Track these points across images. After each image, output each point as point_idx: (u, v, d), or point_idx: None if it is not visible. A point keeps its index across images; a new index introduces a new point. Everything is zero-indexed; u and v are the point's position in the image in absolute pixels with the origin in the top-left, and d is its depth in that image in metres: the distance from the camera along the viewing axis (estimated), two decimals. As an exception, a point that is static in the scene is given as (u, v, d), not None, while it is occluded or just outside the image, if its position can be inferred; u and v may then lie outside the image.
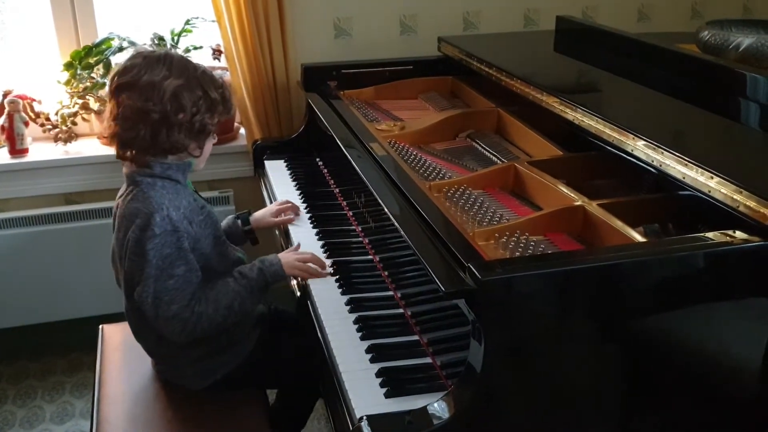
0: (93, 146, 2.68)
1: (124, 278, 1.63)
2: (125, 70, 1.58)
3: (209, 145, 1.68)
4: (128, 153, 1.60)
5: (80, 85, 2.58)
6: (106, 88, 1.73)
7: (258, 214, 2.03)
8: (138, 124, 1.56)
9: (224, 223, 1.95)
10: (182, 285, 1.56)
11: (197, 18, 2.67)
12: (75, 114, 2.60)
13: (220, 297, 1.61)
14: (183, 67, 1.59)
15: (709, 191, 1.38)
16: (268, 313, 1.87)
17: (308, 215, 2.08)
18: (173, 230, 1.55)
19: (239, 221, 1.97)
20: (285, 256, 1.73)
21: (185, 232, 1.57)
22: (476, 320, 1.19)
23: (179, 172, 1.64)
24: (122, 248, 1.59)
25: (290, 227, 2.02)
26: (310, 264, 1.74)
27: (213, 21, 2.60)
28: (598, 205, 1.51)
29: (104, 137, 2.52)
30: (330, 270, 1.77)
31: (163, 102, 1.55)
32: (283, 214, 2.05)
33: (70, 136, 2.62)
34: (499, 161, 1.92)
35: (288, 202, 2.09)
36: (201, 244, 1.64)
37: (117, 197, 1.66)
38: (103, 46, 2.56)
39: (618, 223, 1.43)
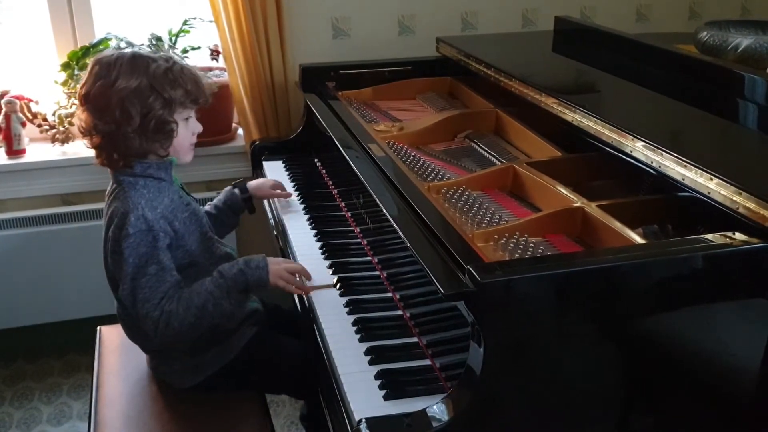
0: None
1: (108, 276, 1.68)
2: (86, 79, 1.60)
3: (187, 137, 1.67)
4: (103, 160, 1.64)
5: (77, 86, 2.56)
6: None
7: (255, 183, 2.06)
8: (95, 135, 1.59)
9: (222, 194, 1.99)
10: (154, 284, 1.56)
11: (195, 18, 2.67)
12: (72, 114, 2.59)
13: (192, 296, 1.58)
14: (132, 68, 1.56)
15: (709, 192, 1.37)
16: (264, 311, 1.86)
17: (306, 216, 2.07)
18: (148, 230, 1.56)
19: (237, 190, 1.99)
20: (274, 264, 1.66)
21: (162, 231, 1.58)
22: (476, 322, 1.19)
23: (161, 170, 1.65)
24: (105, 246, 1.64)
25: (288, 228, 2.02)
26: (296, 278, 1.69)
27: (211, 21, 2.59)
28: (597, 206, 1.51)
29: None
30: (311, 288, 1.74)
31: (111, 113, 1.55)
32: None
33: (67, 137, 2.61)
34: (497, 162, 1.91)
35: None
36: (185, 240, 1.65)
37: (105, 194, 1.69)
38: (101, 47, 2.55)
39: (617, 225, 1.43)
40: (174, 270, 1.60)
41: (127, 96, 1.54)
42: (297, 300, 1.76)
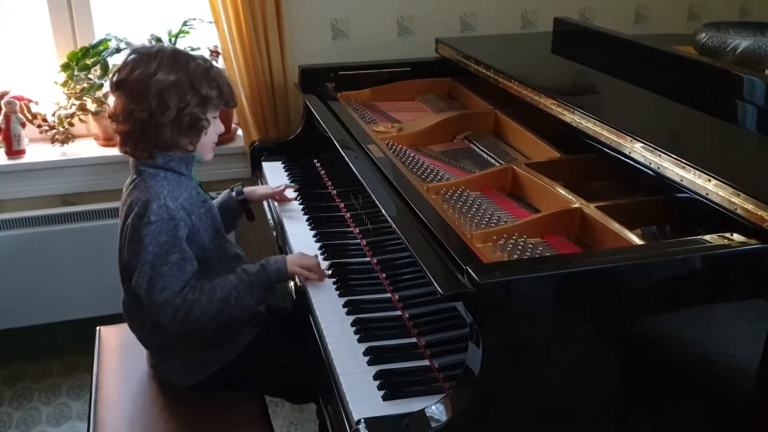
0: (90, 147, 2.68)
1: (121, 265, 1.68)
2: (122, 67, 1.62)
3: (212, 135, 1.70)
4: (127, 148, 1.65)
5: (77, 87, 2.57)
6: (106, 87, 1.75)
7: (252, 187, 2.08)
8: (127, 122, 1.60)
9: (219, 198, 2.00)
10: (176, 272, 1.59)
11: (195, 19, 2.67)
12: (72, 115, 2.59)
13: (216, 289, 1.62)
14: (173, 62, 1.60)
15: (707, 194, 1.38)
16: (266, 313, 1.87)
17: (306, 217, 2.08)
18: (169, 218, 1.58)
19: (234, 193, 2.01)
20: (290, 256, 1.72)
21: (182, 220, 1.61)
22: (474, 323, 1.19)
23: (182, 164, 1.67)
24: (122, 235, 1.64)
25: (288, 229, 2.02)
26: (312, 266, 1.73)
27: (210, 22, 2.60)
28: (595, 207, 1.51)
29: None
30: (327, 273, 1.77)
31: (148, 101, 1.57)
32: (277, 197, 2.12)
33: (67, 138, 2.61)
34: (496, 163, 1.92)
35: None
36: (200, 235, 1.67)
37: (124, 186, 1.70)
38: (100, 47, 2.56)
39: (616, 226, 1.43)
40: (194, 259, 1.63)
41: (166, 87, 1.57)
42: (297, 300, 1.77)
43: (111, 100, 1.65)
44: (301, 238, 1.96)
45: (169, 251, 1.58)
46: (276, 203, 2.17)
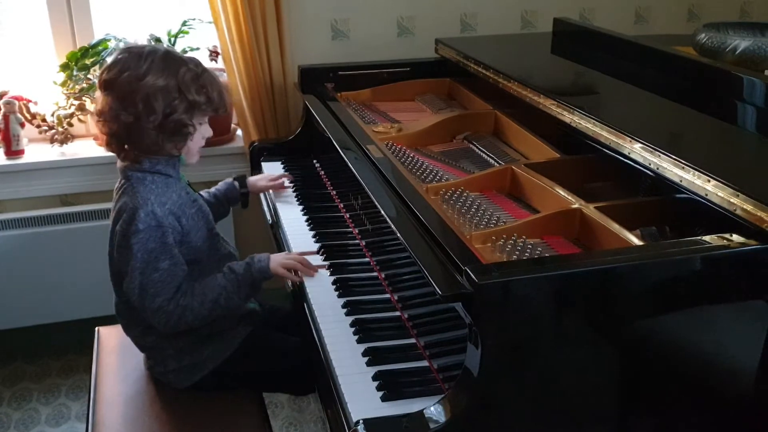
0: (89, 147, 2.68)
1: (112, 270, 1.69)
2: (111, 65, 1.60)
3: (199, 140, 1.69)
4: (112, 148, 1.65)
5: (76, 87, 2.57)
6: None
7: (253, 178, 2.13)
8: (112, 122, 1.59)
9: (222, 185, 2.03)
10: (167, 278, 1.59)
11: (194, 19, 2.67)
12: (71, 115, 2.59)
13: (206, 291, 1.64)
14: (164, 66, 1.58)
15: (706, 194, 1.38)
16: (261, 312, 1.87)
17: (305, 217, 2.07)
18: (157, 225, 1.58)
19: (237, 183, 2.05)
20: (275, 255, 1.74)
21: (170, 227, 1.61)
22: (473, 323, 1.19)
23: (169, 166, 1.67)
24: (112, 241, 1.65)
25: (286, 229, 2.02)
26: (297, 264, 1.75)
27: (210, 22, 2.60)
28: (595, 207, 1.51)
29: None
30: (319, 271, 1.77)
31: (135, 104, 1.56)
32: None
33: (66, 138, 2.61)
34: (496, 164, 1.92)
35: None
36: (191, 236, 1.67)
37: (114, 190, 1.70)
38: (100, 47, 2.56)
39: (615, 226, 1.43)
40: (184, 264, 1.63)
41: (153, 92, 1.56)
42: (295, 300, 1.76)
43: (97, 95, 1.64)
44: (300, 238, 1.96)
45: (159, 258, 1.58)
46: (275, 201, 2.18)
